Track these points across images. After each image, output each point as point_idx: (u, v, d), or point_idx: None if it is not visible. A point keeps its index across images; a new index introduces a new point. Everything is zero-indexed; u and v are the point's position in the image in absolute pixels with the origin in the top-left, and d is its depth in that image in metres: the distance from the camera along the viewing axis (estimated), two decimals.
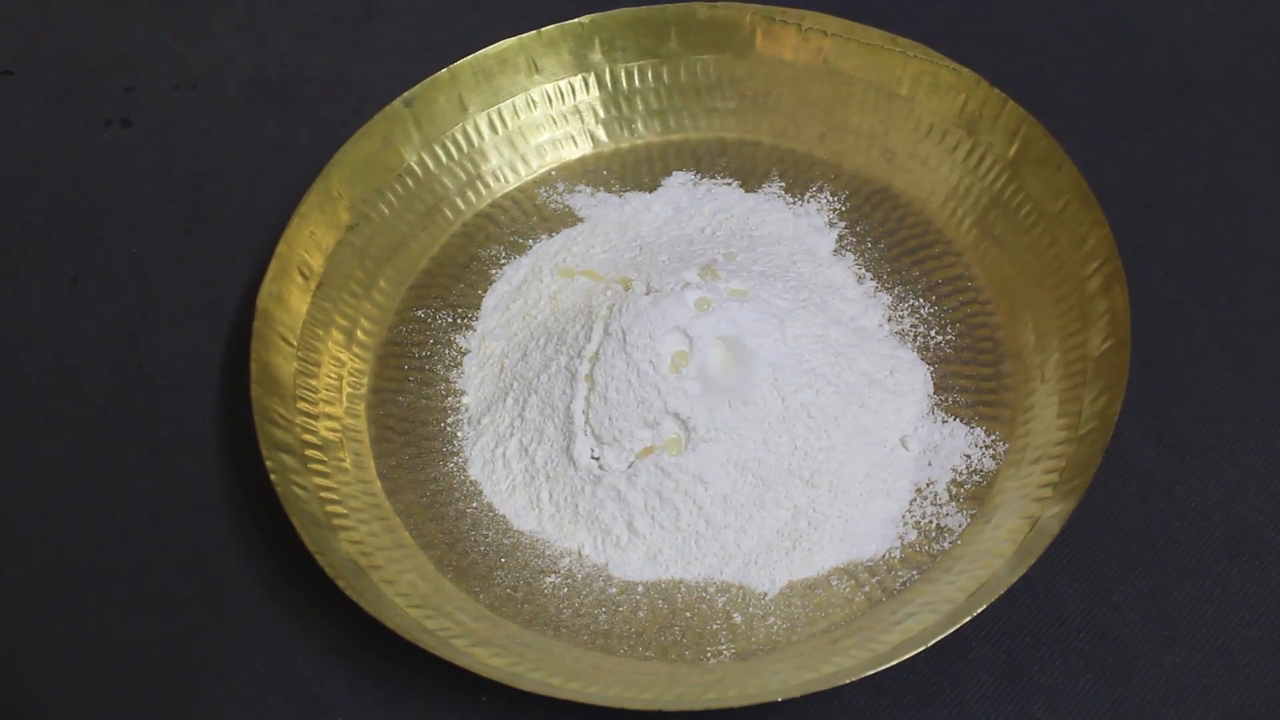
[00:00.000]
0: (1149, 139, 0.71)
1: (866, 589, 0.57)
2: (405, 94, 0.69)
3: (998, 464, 0.59)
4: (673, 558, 0.58)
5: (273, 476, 0.57)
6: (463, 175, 0.71)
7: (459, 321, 0.67)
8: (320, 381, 0.63)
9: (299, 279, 0.64)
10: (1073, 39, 0.76)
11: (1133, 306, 0.59)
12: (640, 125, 0.73)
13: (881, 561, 0.58)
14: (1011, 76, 0.68)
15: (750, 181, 0.70)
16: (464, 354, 0.66)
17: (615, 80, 0.72)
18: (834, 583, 0.57)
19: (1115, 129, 0.72)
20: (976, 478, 0.59)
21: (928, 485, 0.59)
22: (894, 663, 0.51)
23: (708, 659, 0.55)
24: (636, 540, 0.58)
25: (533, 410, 0.61)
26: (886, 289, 0.66)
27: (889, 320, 0.65)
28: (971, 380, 0.62)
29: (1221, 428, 0.61)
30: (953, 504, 0.59)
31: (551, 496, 0.60)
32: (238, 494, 0.62)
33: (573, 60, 0.72)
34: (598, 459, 0.60)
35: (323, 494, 0.59)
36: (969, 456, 0.60)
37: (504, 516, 0.60)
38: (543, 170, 0.72)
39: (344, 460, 0.61)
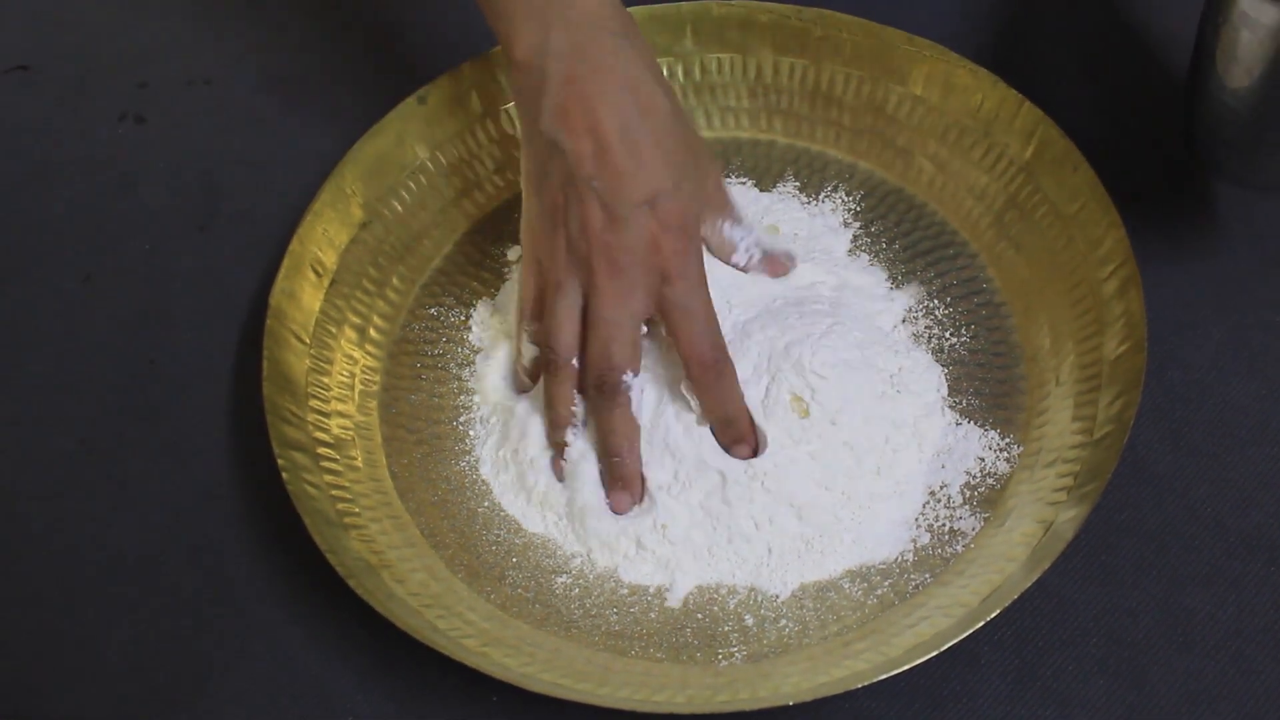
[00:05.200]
0: (1166, 141, 0.71)
1: (879, 592, 0.57)
2: (419, 91, 0.69)
3: (1012, 467, 0.59)
4: (684, 560, 0.58)
5: (284, 474, 0.57)
6: (476, 172, 0.71)
7: (472, 319, 0.67)
8: (333, 379, 0.63)
9: (312, 276, 0.64)
10: (1090, 39, 0.76)
11: (1149, 310, 0.59)
12: None
13: (894, 564, 0.57)
14: (1028, 77, 0.68)
15: (765, 181, 0.70)
16: (476, 352, 0.66)
17: None
18: (846, 585, 0.57)
19: (1132, 130, 0.71)
20: (990, 481, 0.59)
21: (941, 488, 0.59)
22: (906, 667, 0.51)
23: (719, 661, 0.55)
24: (645, 552, 0.58)
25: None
26: (901, 290, 0.66)
27: (904, 322, 0.65)
28: (986, 383, 0.62)
29: (1237, 432, 0.61)
30: (966, 507, 0.58)
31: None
32: (249, 491, 0.62)
33: None
34: None
35: (334, 492, 0.59)
36: (983, 459, 0.60)
37: (514, 517, 0.60)
38: None
39: (356, 458, 0.61)
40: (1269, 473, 0.60)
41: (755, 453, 0.57)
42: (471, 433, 0.63)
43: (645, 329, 0.58)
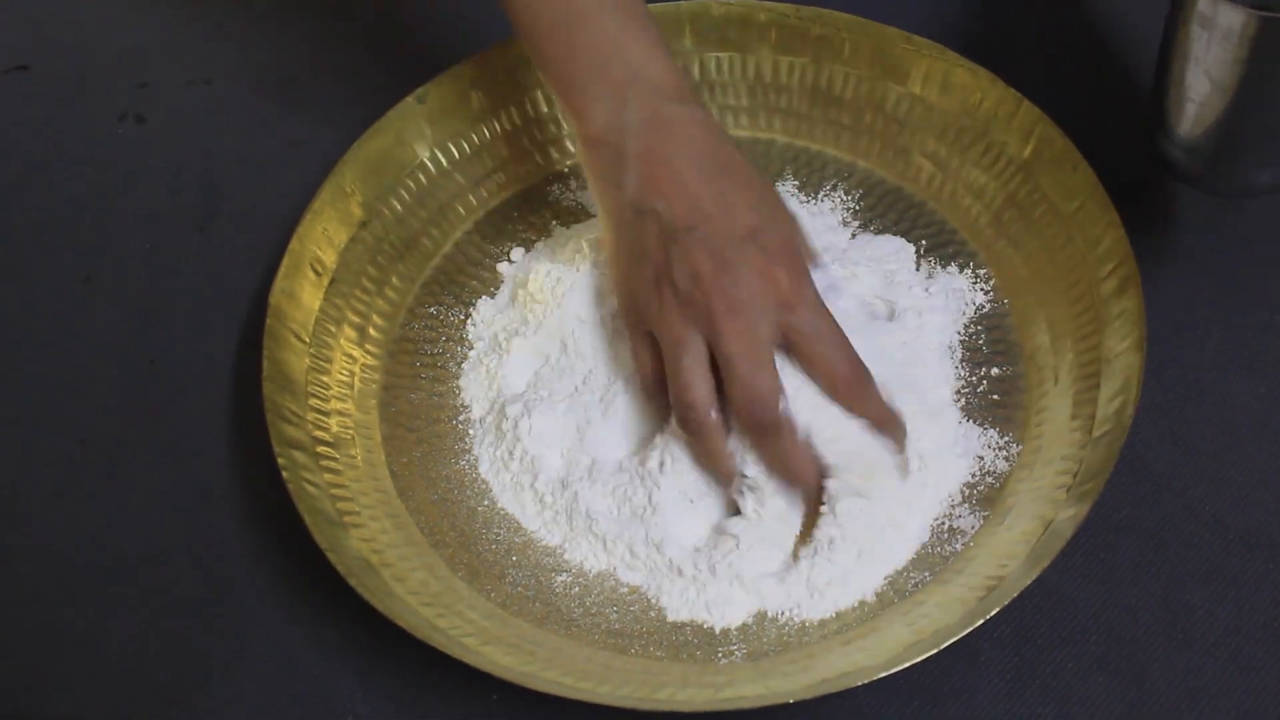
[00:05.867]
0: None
1: (878, 589, 0.57)
2: (418, 90, 0.69)
3: (1011, 466, 0.59)
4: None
5: (284, 473, 0.57)
6: (476, 171, 0.71)
7: (471, 318, 0.67)
8: (332, 378, 0.63)
9: (311, 275, 0.64)
10: (1089, 38, 0.76)
11: (1147, 309, 0.59)
12: None
13: None
14: (1027, 76, 0.68)
15: None
16: (472, 349, 0.66)
17: None
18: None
19: (1131, 129, 0.71)
20: (990, 479, 0.59)
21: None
22: (906, 664, 0.51)
23: (719, 659, 0.55)
24: (637, 560, 0.58)
25: None
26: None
27: None
28: (985, 381, 0.62)
29: (1236, 431, 0.61)
30: (965, 505, 0.59)
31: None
32: (249, 490, 0.62)
33: None
34: None
35: (334, 491, 0.59)
36: (982, 458, 0.60)
37: (514, 516, 0.60)
38: (557, 167, 0.72)
39: (355, 457, 0.61)
40: (1268, 471, 0.60)
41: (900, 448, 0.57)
42: (471, 432, 0.63)
43: None
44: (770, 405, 0.54)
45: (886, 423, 0.57)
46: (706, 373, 0.55)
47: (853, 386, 0.56)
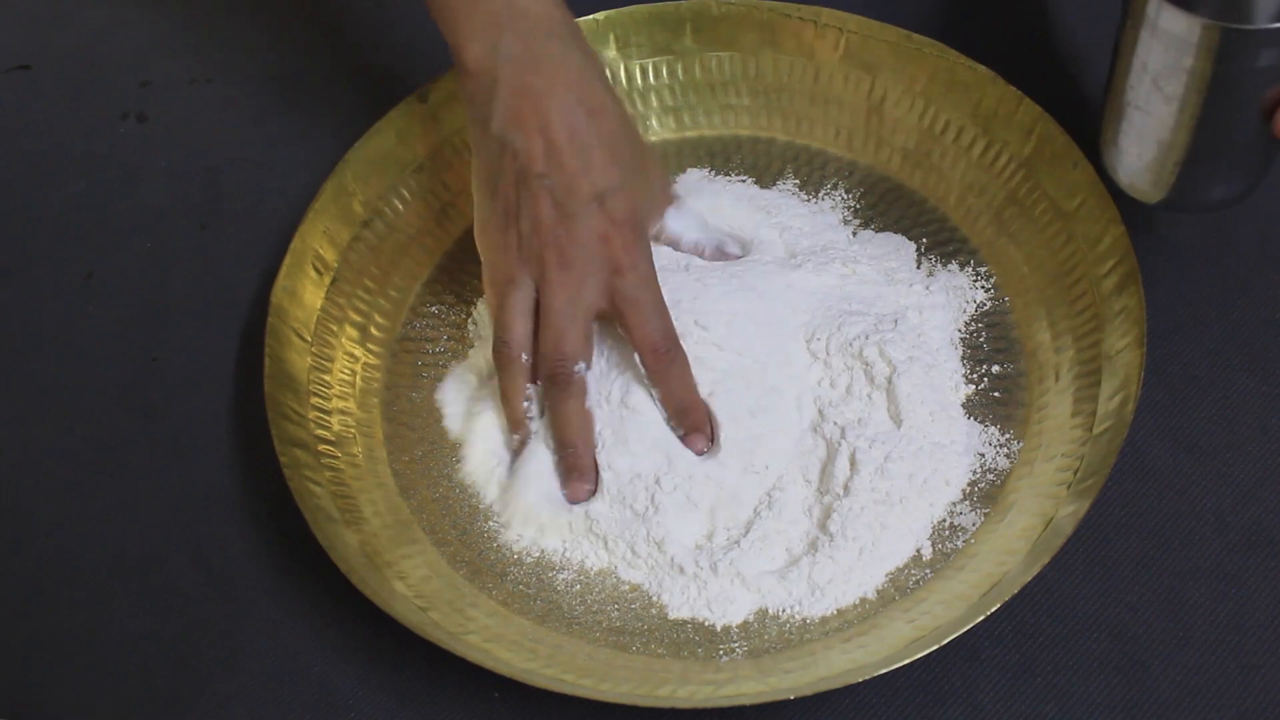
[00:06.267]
0: None
1: (879, 587, 0.57)
2: (420, 89, 0.69)
3: (1012, 463, 0.59)
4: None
5: (286, 471, 0.57)
6: None
7: (472, 317, 0.67)
8: (334, 376, 0.63)
9: (313, 274, 0.65)
10: (1088, 37, 0.76)
11: (1148, 306, 0.59)
12: (655, 122, 0.73)
13: None
14: (1027, 74, 0.68)
15: (765, 178, 0.70)
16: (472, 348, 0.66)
17: (630, 76, 0.72)
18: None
19: None
20: (991, 476, 0.59)
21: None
22: (906, 661, 0.51)
23: (720, 656, 0.55)
24: (638, 559, 0.58)
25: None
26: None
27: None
28: (986, 379, 0.62)
29: (1236, 429, 0.61)
30: (966, 502, 0.59)
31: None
32: (250, 489, 0.62)
33: None
34: None
35: (335, 489, 0.59)
36: (983, 455, 0.60)
37: None
38: None
39: (357, 455, 0.61)
40: (1268, 469, 0.60)
41: (711, 442, 0.58)
42: None
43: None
44: (568, 363, 0.58)
45: (686, 409, 0.58)
46: (528, 314, 0.58)
47: (660, 358, 0.58)
